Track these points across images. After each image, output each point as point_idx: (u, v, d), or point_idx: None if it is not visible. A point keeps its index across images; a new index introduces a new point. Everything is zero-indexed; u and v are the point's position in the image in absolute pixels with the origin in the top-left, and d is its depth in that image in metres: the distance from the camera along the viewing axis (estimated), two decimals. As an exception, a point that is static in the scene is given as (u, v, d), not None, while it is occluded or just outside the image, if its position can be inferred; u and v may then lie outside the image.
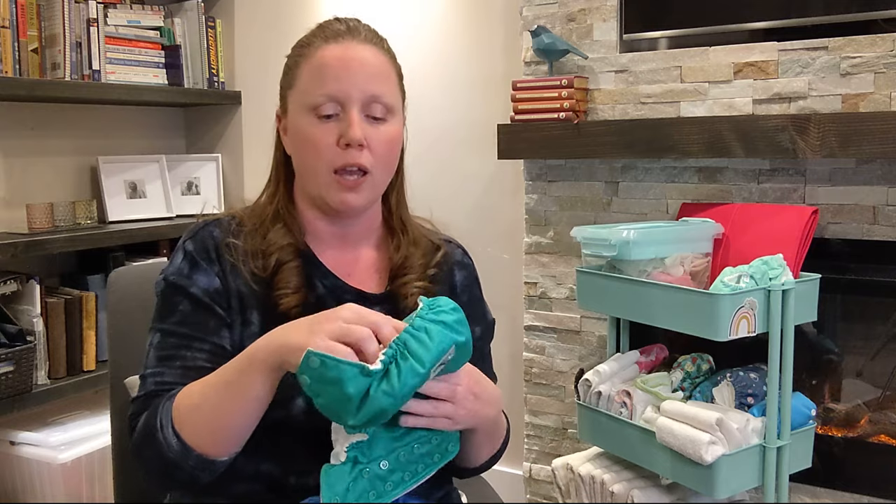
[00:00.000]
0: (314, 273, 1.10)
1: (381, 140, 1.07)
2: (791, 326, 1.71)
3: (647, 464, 1.83)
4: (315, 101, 1.05)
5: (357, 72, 1.05)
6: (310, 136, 1.05)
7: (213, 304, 1.05)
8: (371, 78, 1.06)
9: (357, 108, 1.04)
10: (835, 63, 1.90)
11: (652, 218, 2.19)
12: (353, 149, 1.04)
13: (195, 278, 1.06)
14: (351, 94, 1.04)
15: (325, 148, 1.04)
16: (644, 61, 2.15)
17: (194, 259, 1.07)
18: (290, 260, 1.08)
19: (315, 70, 1.06)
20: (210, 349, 1.03)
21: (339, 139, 1.04)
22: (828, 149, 1.82)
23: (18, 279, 2.34)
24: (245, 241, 1.09)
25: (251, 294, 1.06)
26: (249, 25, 2.97)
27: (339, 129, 1.04)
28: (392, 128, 1.09)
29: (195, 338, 1.04)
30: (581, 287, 2.00)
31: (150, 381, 1.04)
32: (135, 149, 2.93)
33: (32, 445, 2.24)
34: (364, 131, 1.04)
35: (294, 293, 1.06)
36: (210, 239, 1.09)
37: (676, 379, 1.88)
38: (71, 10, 2.48)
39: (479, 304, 1.24)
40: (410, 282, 1.12)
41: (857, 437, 2.01)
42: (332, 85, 1.04)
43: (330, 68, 1.05)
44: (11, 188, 2.54)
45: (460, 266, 1.23)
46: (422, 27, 2.63)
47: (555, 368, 2.39)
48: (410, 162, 1.22)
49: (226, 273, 1.07)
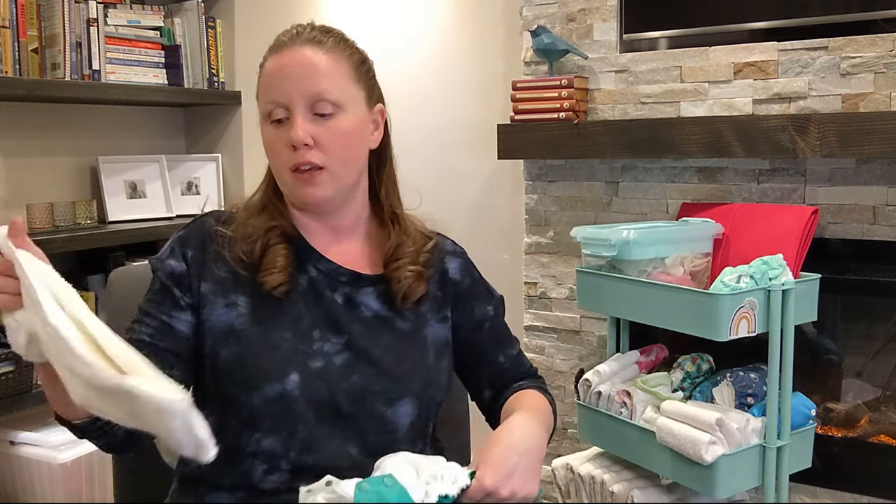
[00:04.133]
0: (308, 258, 1.15)
1: (329, 136, 1.10)
2: (791, 326, 1.71)
3: (647, 464, 1.83)
4: (265, 109, 1.12)
5: (293, 75, 1.09)
6: (267, 141, 1.13)
7: (173, 287, 1.11)
8: (308, 78, 1.09)
9: (301, 110, 1.09)
10: (835, 63, 1.90)
11: (652, 218, 2.19)
12: (300, 149, 1.08)
13: (166, 262, 1.13)
14: (291, 98, 1.09)
15: (279, 151, 1.11)
16: (644, 61, 2.15)
17: (174, 247, 1.14)
18: (277, 243, 1.12)
19: (263, 81, 1.13)
20: (157, 325, 1.10)
21: (289, 141, 1.09)
22: (828, 149, 1.82)
23: (18, 279, 2.34)
24: (235, 229, 1.14)
25: (236, 278, 1.11)
26: (249, 25, 2.97)
27: (287, 131, 1.09)
28: (342, 122, 1.11)
29: (148, 314, 1.11)
30: (581, 287, 2.00)
31: None
32: (135, 149, 2.93)
33: (32, 445, 2.24)
34: (310, 130, 1.08)
35: (279, 272, 1.10)
36: (200, 228, 1.16)
37: (676, 379, 1.88)
38: (71, 10, 2.48)
39: (482, 284, 1.29)
40: (403, 266, 1.16)
41: (857, 437, 2.01)
42: (274, 92, 1.10)
43: (271, 77, 1.11)
44: (11, 188, 2.54)
45: (452, 255, 1.26)
46: (422, 27, 2.63)
47: (555, 368, 2.39)
48: (410, 162, 1.23)
49: (206, 259, 1.12)
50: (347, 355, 1.11)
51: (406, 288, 1.15)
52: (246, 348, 1.08)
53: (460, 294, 1.24)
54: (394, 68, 2.63)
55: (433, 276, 1.21)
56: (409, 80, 2.62)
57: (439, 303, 1.21)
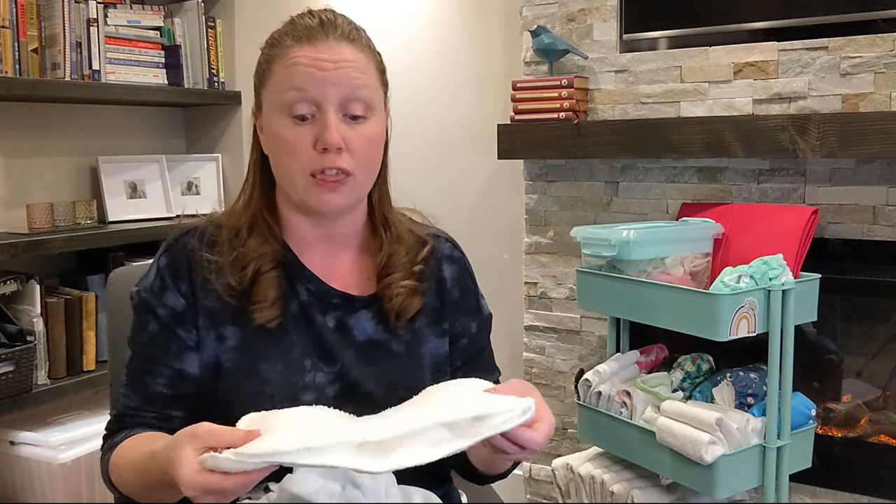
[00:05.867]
0: (298, 278, 1.08)
1: (360, 141, 1.02)
2: (791, 326, 1.71)
3: (647, 464, 1.83)
4: (287, 99, 1.00)
5: (331, 72, 1.00)
6: (285, 139, 1.01)
7: (177, 328, 1.04)
8: (347, 77, 1.00)
9: (333, 109, 1.00)
10: (835, 63, 1.90)
11: (652, 218, 2.19)
12: (330, 153, 0.99)
13: (163, 298, 1.05)
14: (326, 96, 0.99)
15: (301, 152, 1.00)
16: (644, 61, 2.15)
17: (164, 277, 1.06)
18: (268, 270, 1.05)
19: (288, 70, 1.01)
20: (169, 374, 1.04)
21: (316, 142, 0.99)
22: (828, 149, 1.82)
23: (18, 279, 2.34)
24: (221, 252, 1.06)
25: (224, 309, 1.04)
26: (249, 25, 2.97)
27: (315, 131, 1.00)
28: (373, 126, 1.04)
29: (157, 362, 1.04)
30: (581, 287, 2.00)
31: (120, 403, 1.08)
32: (135, 149, 2.93)
33: (32, 445, 2.24)
34: (342, 133, 1.00)
35: (270, 307, 1.03)
36: (184, 252, 1.07)
37: (676, 379, 1.88)
38: (71, 10, 2.48)
39: (473, 296, 1.20)
40: (395, 282, 1.09)
41: (857, 437, 2.01)
42: (305, 86, 0.99)
43: (302, 69, 1.00)
44: (11, 188, 2.54)
45: (449, 260, 1.18)
46: (422, 27, 2.63)
47: (555, 368, 2.39)
48: (411, 162, 1.21)
49: (195, 290, 1.05)
50: (339, 387, 1.05)
51: (398, 306, 1.08)
52: (234, 386, 1.03)
53: (449, 303, 1.16)
54: (394, 68, 2.61)
55: (430, 288, 1.13)
56: (409, 81, 2.62)
57: (437, 315, 1.14)
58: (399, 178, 1.22)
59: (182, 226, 1.11)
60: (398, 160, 1.22)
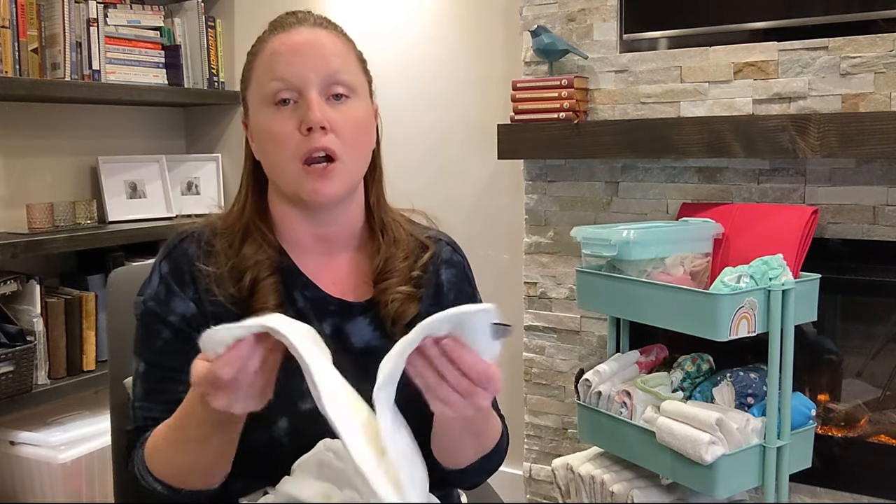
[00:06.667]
0: (294, 285, 1.07)
1: (345, 121, 1.01)
2: (791, 326, 1.71)
3: (647, 464, 1.83)
4: (269, 89, 1.01)
5: (309, 53, 1.01)
6: (269, 127, 1.01)
7: (191, 331, 1.01)
8: (325, 57, 1.01)
9: (315, 90, 1.00)
10: (835, 63, 1.90)
11: (652, 218, 2.19)
12: (315, 133, 0.99)
13: (173, 305, 1.04)
14: (306, 77, 1.00)
15: (286, 137, 1.00)
16: (644, 61, 2.15)
17: (170, 284, 1.05)
18: (267, 276, 1.04)
19: (267, 61, 1.03)
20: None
21: (301, 125, 1.00)
22: (828, 149, 1.82)
23: (18, 279, 2.34)
24: (218, 262, 1.05)
25: (228, 316, 1.02)
26: (249, 25, 2.97)
27: (298, 115, 1.00)
28: (357, 108, 1.04)
29: (177, 369, 1.01)
30: (581, 287, 2.00)
31: (139, 416, 1.04)
32: (135, 149, 2.93)
33: (32, 445, 2.24)
34: (325, 113, 1.00)
35: (272, 312, 1.01)
36: (184, 258, 1.06)
37: (676, 379, 1.89)
38: (71, 10, 2.48)
39: (470, 301, 1.16)
40: (391, 287, 1.08)
41: (857, 437, 2.01)
42: (284, 70, 1.00)
43: (280, 55, 1.01)
44: (11, 188, 2.54)
45: (448, 264, 1.16)
46: (422, 27, 2.63)
47: (555, 368, 2.39)
48: (410, 162, 1.21)
49: (201, 295, 1.04)
50: None
51: (394, 312, 1.07)
52: None
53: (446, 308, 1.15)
54: (394, 68, 2.63)
55: (427, 293, 1.12)
56: (409, 81, 2.62)
57: None
58: (399, 178, 1.22)
59: (179, 231, 1.10)
60: (398, 160, 1.21)
